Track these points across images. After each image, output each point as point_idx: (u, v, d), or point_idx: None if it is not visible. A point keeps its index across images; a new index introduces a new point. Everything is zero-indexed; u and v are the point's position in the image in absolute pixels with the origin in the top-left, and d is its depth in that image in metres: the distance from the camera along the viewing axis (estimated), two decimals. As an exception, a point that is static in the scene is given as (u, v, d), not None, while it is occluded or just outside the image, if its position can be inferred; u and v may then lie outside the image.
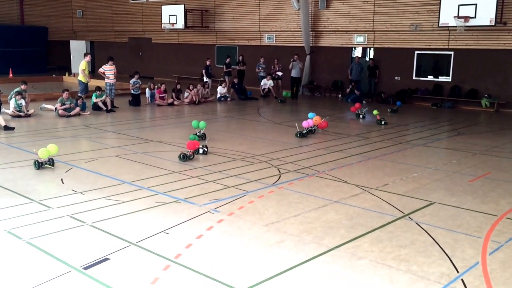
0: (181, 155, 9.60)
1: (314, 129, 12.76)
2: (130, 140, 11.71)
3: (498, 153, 10.93)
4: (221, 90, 20.10)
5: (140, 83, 18.11)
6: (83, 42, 32.70)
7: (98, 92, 16.38)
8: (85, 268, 5.01)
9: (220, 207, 6.97)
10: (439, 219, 6.68)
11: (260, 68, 21.94)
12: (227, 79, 22.26)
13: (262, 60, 22.00)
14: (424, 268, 5.17)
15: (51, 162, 8.87)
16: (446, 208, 7.17)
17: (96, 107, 16.22)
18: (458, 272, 5.08)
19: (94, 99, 16.27)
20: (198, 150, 10.00)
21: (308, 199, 7.46)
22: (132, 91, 17.81)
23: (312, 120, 12.77)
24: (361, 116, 15.86)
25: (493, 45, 17.94)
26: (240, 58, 22.71)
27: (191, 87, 18.99)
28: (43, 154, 8.73)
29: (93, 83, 18.50)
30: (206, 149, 10.20)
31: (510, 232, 6.20)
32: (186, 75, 27.08)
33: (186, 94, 18.86)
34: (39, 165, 8.72)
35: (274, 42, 24.23)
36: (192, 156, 9.67)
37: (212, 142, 11.70)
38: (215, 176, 8.62)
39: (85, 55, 17.65)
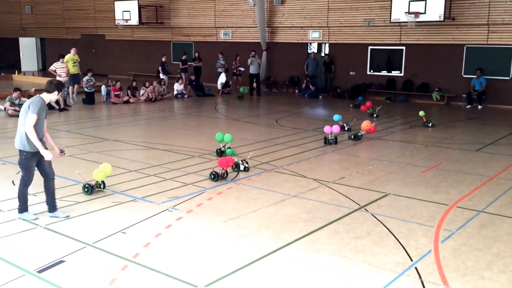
0: (212, 174, 8.14)
1: (361, 134, 11.70)
2: (85, 140, 11.44)
3: (449, 145, 11.32)
4: (177, 87, 19.91)
5: (94, 81, 17.70)
6: (33, 39, 31.62)
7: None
8: (39, 272, 4.87)
9: (178, 204, 6.92)
10: (393, 210, 6.87)
11: (219, 64, 21.81)
12: (183, 76, 22.05)
13: (221, 56, 21.88)
14: (380, 258, 5.31)
15: (103, 185, 7.47)
16: (400, 199, 7.37)
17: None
18: (412, 260, 5.25)
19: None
20: (238, 165, 8.66)
21: (267, 194, 7.51)
22: (86, 89, 17.38)
23: (336, 125, 11.45)
24: (375, 115, 15.03)
25: (443, 40, 18.54)
26: (196, 54, 22.55)
27: (147, 84, 18.72)
28: (98, 176, 7.33)
29: (45, 81, 17.91)
30: (246, 164, 8.72)
31: (460, 221, 6.44)
32: (142, 72, 26.64)
33: (142, 92, 18.58)
34: (91, 189, 7.27)
35: (230, 38, 24.18)
36: (226, 174, 8.24)
37: (170, 139, 11.58)
38: (173, 173, 8.54)
39: (71, 49, 17.47)
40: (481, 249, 5.55)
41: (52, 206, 6.37)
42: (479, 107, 17.56)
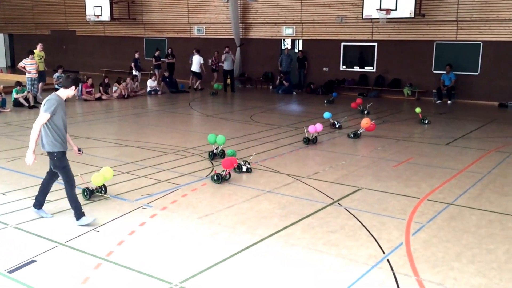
0: (215, 176, 7.80)
1: (360, 132, 11.56)
2: (56, 137, 11.24)
3: (420, 139, 11.53)
4: (151, 83, 19.73)
5: (65, 77, 17.37)
6: (1, 35, 30.83)
7: (18, 87, 15.56)
8: (10, 272, 4.78)
9: (152, 202, 6.88)
10: (366, 204, 6.97)
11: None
12: (157, 72, 21.86)
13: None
14: (353, 251, 5.39)
15: (104, 189, 7.09)
16: (372, 193, 7.49)
17: (17, 104, 15.40)
18: (384, 253, 5.35)
19: (14, 95, 15.44)
20: (240, 167, 8.33)
21: (242, 190, 7.53)
22: (57, 86, 17.06)
23: (320, 124, 11.02)
24: (365, 112, 15.02)
25: (413, 36, 18.84)
26: (170, 50, 22.37)
27: (120, 81, 18.49)
28: (97, 180, 6.90)
29: (14, 78, 17.52)
30: (249, 165, 8.46)
31: (431, 213, 6.59)
32: (114, 69, 26.28)
33: (114, 88, 18.34)
34: (90, 193, 6.91)
35: (204, 34, 24.07)
36: (228, 176, 7.92)
37: (143, 136, 11.48)
38: (147, 171, 8.48)
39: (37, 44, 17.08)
40: (451, 241, 5.69)
41: (40, 204, 6.25)
42: (449, 102, 17.93)
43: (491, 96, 17.66)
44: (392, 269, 4.96)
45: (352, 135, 11.48)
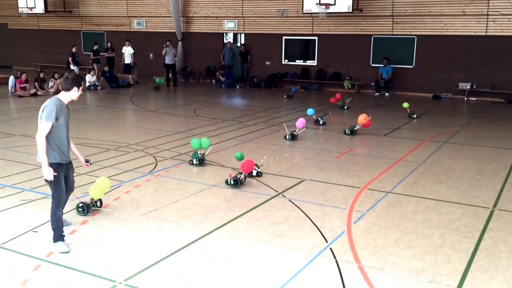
0: (231, 180, 7.34)
1: (357, 129, 11.32)
2: (-12, 135, 10.70)
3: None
4: (90, 78, 19.15)
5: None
6: None
7: None
8: None
9: (94, 200, 6.70)
10: (310, 195, 7.12)
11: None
12: (96, 67, 21.24)
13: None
14: (297, 241, 5.50)
15: (100, 203, 6.37)
16: (315, 184, 7.66)
17: None
18: (327, 242, 5.49)
19: None
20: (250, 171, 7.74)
21: (186, 185, 7.48)
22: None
23: (304, 120, 10.78)
24: (345, 107, 14.99)
25: (352, 30, 19.35)
26: (109, 44, 21.76)
27: (56, 76, 17.84)
28: (96, 193, 6.22)
29: None
30: (258, 169, 7.92)
31: (371, 202, 6.82)
32: (50, 63, 25.28)
33: (51, 84, 17.67)
34: (86, 208, 6.16)
35: (144, 28, 23.59)
36: (244, 180, 7.50)
37: (83, 132, 11.14)
38: (88, 168, 8.22)
39: None
40: (389, 227, 5.92)
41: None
42: (386, 94, 18.57)
43: (425, 88, 18.45)
44: (334, 257, 5.11)
45: (349, 132, 11.22)
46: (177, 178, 7.81)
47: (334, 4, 18.11)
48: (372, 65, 19.29)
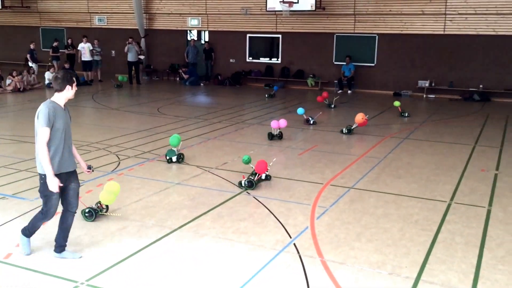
0: (246, 182, 7.18)
1: (353, 128, 11.25)
2: None
3: (323, 128, 12.04)
4: (49, 75, 18.66)
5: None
6: None
7: None
8: None
9: (54, 200, 6.56)
10: (274, 191, 7.19)
11: (94, 51, 20.67)
12: (55, 64, 20.72)
13: (96, 42, 20.77)
14: (262, 237, 5.55)
15: (106, 208, 6.09)
16: (280, 180, 7.73)
17: None
18: (290, 237, 5.56)
19: None
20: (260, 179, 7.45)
21: (150, 183, 7.42)
22: None
23: (284, 120, 10.38)
24: (332, 106, 14.91)
25: (315, 28, 19.56)
26: (69, 41, 21.27)
27: (14, 73, 17.31)
28: (108, 198, 5.95)
29: None
30: (266, 172, 7.57)
31: (333, 197, 6.94)
32: (7, 60, 24.47)
33: (8, 81, 17.14)
34: (94, 214, 5.89)
35: (105, 24, 23.18)
36: (258, 181, 7.33)
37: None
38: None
39: None
40: (352, 222, 6.04)
41: (61, 245, 4.98)
42: (349, 92, 18.88)
43: (386, 85, 18.85)
44: (298, 252, 5.18)
45: (346, 131, 11.16)
46: (141, 176, 7.74)
47: (297, 2, 18.26)
48: (335, 63, 19.56)
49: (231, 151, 9.53)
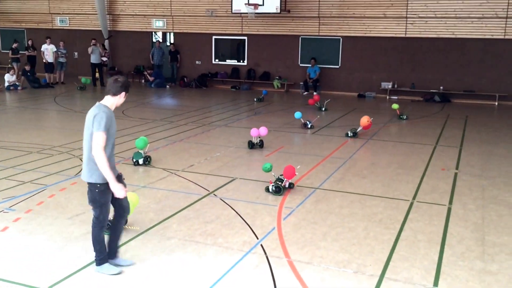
0: (273, 187, 7.02)
1: (358, 131, 11.27)
2: None
3: (289, 129, 12.14)
4: (9, 78, 18.18)
5: None
6: None
7: None
8: None
9: (15, 205, 6.40)
10: (241, 193, 7.20)
11: (59, 53, 20.15)
12: (15, 66, 20.17)
13: (62, 44, 20.27)
14: (229, 239, 5.55)
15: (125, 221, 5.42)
16: (246, 182, 7.75)
17: None
18: (257, 238, 5.59)
19: None
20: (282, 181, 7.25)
21: (115, 187, 7.30)
22: None
23: (264, 128, 10.01)
24: (323, 109, 14.91)
25: (280, 31, 19.71)
26: (30, 42, 20.74)
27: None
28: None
29: None
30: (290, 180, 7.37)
31: (300, 198, 7.01)
32: (-35, 62, 23.73)
33: (-35, 84, 16.59)
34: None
35: (67, 25, 22.72)
36: (286, 186, 7.24)
37: (2, 134, 10.58)
38: (8, 172, 7.84)
39: None
40: (318, 222, 6.12)
41: (115, 252, 4.81)
42: (314, 93, 19.07)
43: (351, 87, 19.16)
44: (265, 253, 5.21)
45: (352, 134, 11.13)
46: (105, 180, 7.61)
47: (263, 5, 18.36)
48: (301, 65, 19.76)
49: (197, 154, 9.49)
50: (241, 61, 20.83)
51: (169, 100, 17.50)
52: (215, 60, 21.13)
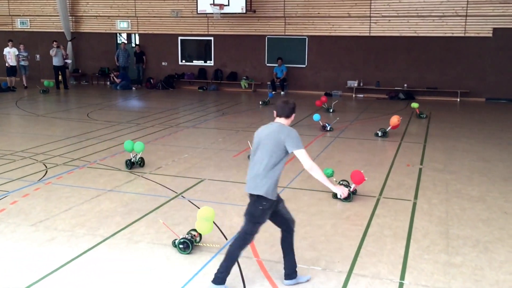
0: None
1: (388, 130, 11.26)
2: None
3: (253, 129, 12.07)
4: (-32, 82, 17.59)
5: None
6: None
7: None
8: None
9: (-24, 213, 6.20)
10: (209, 194, 7.17)
11: (21, 56, 19.56)
12: (-26, 69, 19.53)
13: (22, 47, 19.69)
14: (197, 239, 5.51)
15: (200, 237, 5.44)
16: (215, 183, 7.72)
17: None
18: (226, 239, 5.57)
19: None
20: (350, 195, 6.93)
21: (80, 191, 7.17)
22: None
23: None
24: (331, 110, 14.65)
25: (246, 31, 19.73)
26: (-11, 45, 20.14)
27: None
28: (206, 227, 5.29)
29: None
30: (352, 185, 7.15)
31: (268, 197, 7.01)
32: None
33: None
34: (191, 245, 5.20)
35: (28, 27, 22.15)
36: (354, 192, 7.09)
37: (-39, 141, 10.24)
38: (-33, 179, 7.58)
39: None
40: (286, 221, 6.13)
41: (293, 271, 4.66)
42: (282, 93, 19.18)
43: (317, 86, 19.33)
44: (234, 253, 5.18)
45: (381, 134, 11.14)
46: (71, 184, 7.46)
47: (228, 5, 18.32)
48: (267, 64, 19.82)
49: (164, 155, 9.40)
50: (208, 61, 20.75)
51: (135, 102, 17.28)
52: (181, 61, 20.98)
